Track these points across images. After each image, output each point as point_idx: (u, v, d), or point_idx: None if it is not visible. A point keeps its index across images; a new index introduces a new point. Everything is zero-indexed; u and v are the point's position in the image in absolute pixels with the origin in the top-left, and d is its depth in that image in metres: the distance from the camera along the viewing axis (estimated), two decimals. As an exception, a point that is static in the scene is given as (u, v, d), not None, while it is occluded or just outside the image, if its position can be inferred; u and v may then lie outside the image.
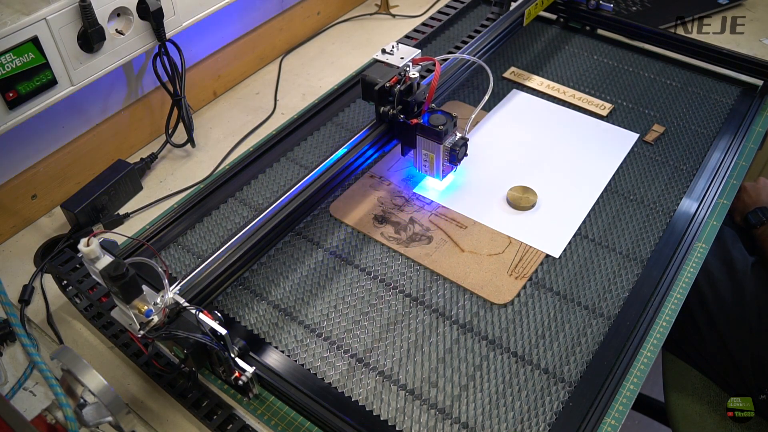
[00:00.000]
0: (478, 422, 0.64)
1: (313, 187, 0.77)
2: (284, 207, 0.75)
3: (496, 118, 1.00)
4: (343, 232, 0.84)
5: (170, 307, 0.61)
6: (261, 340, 0.72)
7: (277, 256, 0.81)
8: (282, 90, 1.11)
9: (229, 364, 0.62)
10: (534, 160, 0.93)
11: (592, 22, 1.16)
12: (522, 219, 0.84)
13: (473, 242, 0.81)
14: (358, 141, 0.82)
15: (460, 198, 0.87)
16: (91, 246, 0.57)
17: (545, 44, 1.14)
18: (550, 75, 1.08)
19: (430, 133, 0.81)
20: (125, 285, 0.57)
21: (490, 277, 0.77)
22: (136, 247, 0.79)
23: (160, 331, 0.60)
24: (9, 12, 0.73)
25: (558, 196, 0.87)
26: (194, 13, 0.93)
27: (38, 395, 0.59)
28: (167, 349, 0.64)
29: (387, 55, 0.83)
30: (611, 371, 0.67)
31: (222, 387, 0.69)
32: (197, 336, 0.60)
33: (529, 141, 0.96)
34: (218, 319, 0.61)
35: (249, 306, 0.76)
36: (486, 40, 1.00)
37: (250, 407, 0.67)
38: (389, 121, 0.84)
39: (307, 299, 0.76)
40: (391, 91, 0.80)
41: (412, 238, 0.82)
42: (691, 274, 0.77)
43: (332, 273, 0.79)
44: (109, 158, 0.94)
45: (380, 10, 1.29)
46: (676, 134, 0.96)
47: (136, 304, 0.59)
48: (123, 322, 0.62)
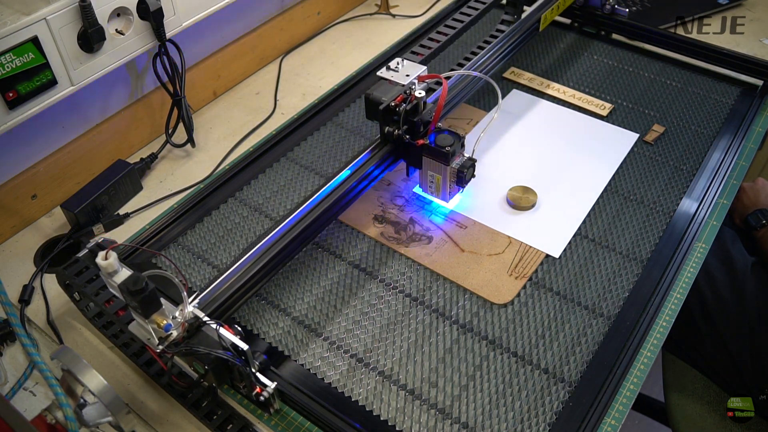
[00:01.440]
0: (478, 422, 0.64)
1: (316, 211, 0.74)
2: (300, 220, 0.72)
3: (496, 118, 1.00)
4: (342, 232, 0.84)
5: (190, 322, 0.60)
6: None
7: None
8: (282, 90, 1.11)
9: (251, 379, 0.61)
10: (534, 160, 0.93)
11: (607, 26, 1.14)
12: (522, 219, 0.84)
13: (473, 242, 0.81)
14: (363, 162, 0.79)
15: (460, 198, 0.87)
16: (110, 260, 0.56)
17: (545, 45, 1.14)
18: (550, 75, 1.08)
19: (436, 154, 0.78)
20: (145, 300, 0.55)
21: (490, 277, 0.77)
22: (142, 241, 0.79)
23: (179, 346, 0.58)
24: (9, 12, 0.73)
25: (558, 196, 0.87)
26: (194, 13, 0.93)
27: (38, 395, 0.59)
28: (186, 365, 0.63)
29: (392, 72, 0.78)
30: (611, 371, 0.67)
31: (239, 400, 0.67)
32: (218, 352, 0.58)
33: (529, 141, 0.96)
34: (239, 334, 0.60)
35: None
36: (499, 50, 0.94)
37: (250, 407, 0.67)
38: (394, 142, 0.80)
39: (306, 299, 0.76)
40: (396, 111, 0.77)
41: (412, 238, 0.82)
42: (691, 274, 0.77)
43: (332, 273, 0.79)
44: (109, 158, 0.94)
45: (380, 10, 1.29)
46: (676, 134, 0.96)
47: (155, 319, 0.57)
48: (141, 336, 0.60)
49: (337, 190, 0.76)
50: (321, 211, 0.74)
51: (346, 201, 0.77)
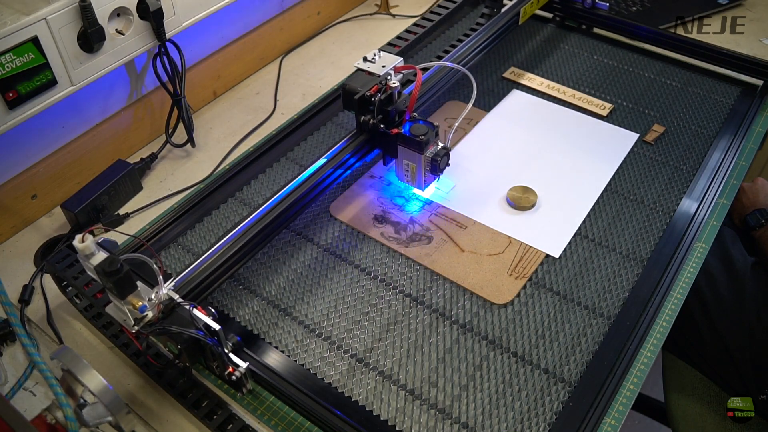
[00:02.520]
0: (478, 422, 0.64)
1: (292, 196, 0.76)
2: (275, 206, 0.75)
3: (496, 118, 1.00)
4: (342, 232, 0.84)
5: (164, 303, 0.62)
6: (256, 336, 0.72)
7: (277, 256, 0.81)
8: (282, 90, 1.11)
9: (223, 359, 0.63)
10: (534, 160, 0.93)
11: (588, 20, 1.16)
12: (522, 219, 0.84)
13: (473, 242, 0.81)
14: (338, 150, 0.80)
15: (460, 198, 0.87)
16: (86, 242, 0.57)
17: (545, 44, 1.14)
18: (550, 75, 1.08)
19: (411, 143, 0.79)
20: (119, 281, 0.57)
21: (490, 277, 0.77)
22: (137, 246, 0.79)
23: (154, 326, 0.60)
24: (9, 12, 0.73)
25: (558, 196, 0.87)
26: (194, 13, 0.93)
27: (38, 395, 0.59)
28: (162, 345, 0.65)
29: (368, 63, 0.81)
30: (611, 371, 0.67)
31: (216, 382, 0.69)
32: (191, 331, 0.60)
33: (529, 141, 0.96)
34: (212, 315, 0.62)
35: (244, 302, 0.76)
36: (477, 42, 0.98)
37: (250, 407, 0.67)
38: (369, 131, 0.82)
39: (307, 299, 0.76)
40: (371, 100, 0.78)
41: (412, 238, 0.82)
42: (691, 274, 0.77)
43: (332, 273, 0.79)
44: (109, 158, 0.94)
45: (380, 10, 1.29)
46: (676, 134, 0.96)
47: (131, 300, 0.59)
48: (118, 317, 0.62)
49: (313, 177, 0.78)
50: (297, 196, 0.76)
51: (321, 188, 0.79)
